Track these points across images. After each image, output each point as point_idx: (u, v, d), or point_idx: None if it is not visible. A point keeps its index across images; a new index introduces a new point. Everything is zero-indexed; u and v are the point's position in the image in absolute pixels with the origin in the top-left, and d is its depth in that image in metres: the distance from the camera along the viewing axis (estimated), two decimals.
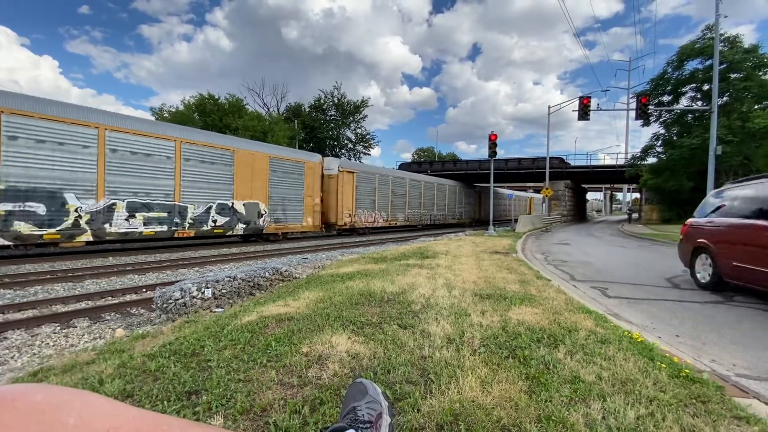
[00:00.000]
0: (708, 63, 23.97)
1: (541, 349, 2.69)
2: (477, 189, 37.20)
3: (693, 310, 4.72)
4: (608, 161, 39.57)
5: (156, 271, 8.72)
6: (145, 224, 11.34)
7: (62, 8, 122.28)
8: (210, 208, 13.13)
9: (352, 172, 20.09)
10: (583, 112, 19.63)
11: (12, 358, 3.93)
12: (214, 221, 13.22)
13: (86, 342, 4.41)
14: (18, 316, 5.27)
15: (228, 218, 13.63)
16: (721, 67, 20.83)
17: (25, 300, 5.99)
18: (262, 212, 14.91)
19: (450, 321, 3.33)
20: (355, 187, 20.18)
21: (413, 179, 26.86)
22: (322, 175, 18.64)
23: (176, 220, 12.14)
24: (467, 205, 34.85)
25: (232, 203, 13.83)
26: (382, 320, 3.36)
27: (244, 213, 14.17)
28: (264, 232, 15.08)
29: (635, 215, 43.17)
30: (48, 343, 4.36)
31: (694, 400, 2.07)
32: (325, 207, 18.72)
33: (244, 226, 14.15)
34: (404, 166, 42.11)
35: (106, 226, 10.53)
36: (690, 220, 7.06)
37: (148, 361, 2.50)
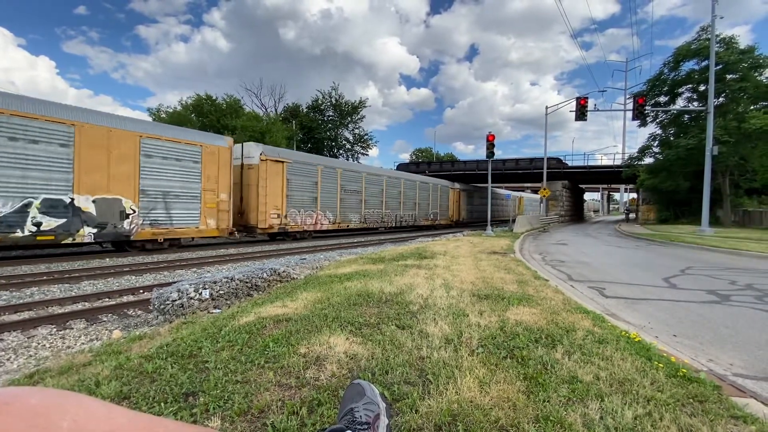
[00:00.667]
0: (704, 64, 24.14)
1: (539, 349, 2.69)
2: (457, 187, 33.00)
3: (690, 310, 4.73)
4: (605, 161, 39.70)
5: (153, 272, 8.69)
6: None
7: (59, 9, 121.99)
8: (28, 205, 9.08)
9: (282, 162, 15.94)
10: (581, 113, 19.71)
11: (8, 359, 3.91)
12: (37, 224, 9.19)
13: (83, 344, 4.39)
14: (14, 317, 5.24)
15: (64, 220, 9.64)
16: (717, 68, 20.97)
17: (21, 301, 5.96)
18: (129, 211, 10.91)
19: (448, 321, 3.33)
20: (287, 180, 16.08)
21: (371, 173, 22.47)
22: (242, 165, 15.21)
23: None
24: (444, 204, 30.98)
25: (72, 199, 9.79)
26: (380, 321, 3.36)
27: (94, 213, 10.19)
28: (133, 238, 11.13)
29: (632, 215, 43.40)
30: (44, 345, 4.34)
31: (691, 400, 2.08)
32: (244, 205, 15.26)
33: (94, 230, 10.21)
34: (402, 167, 42.16)
35: None
36: None
37: (145, 363, 2.48)
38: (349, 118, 45.54)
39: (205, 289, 5.02)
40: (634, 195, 51.99)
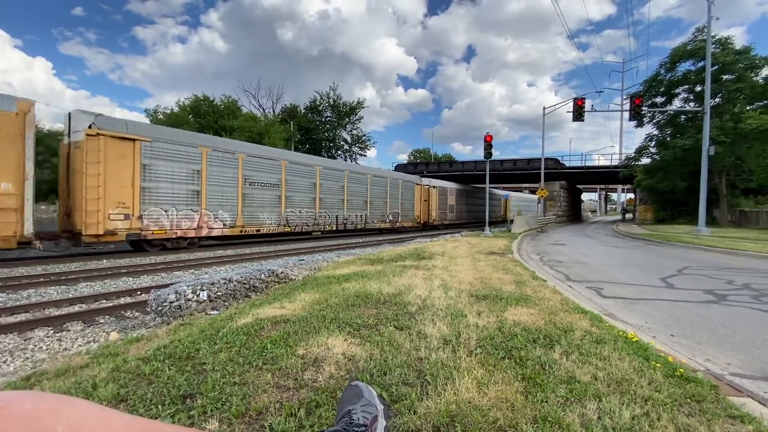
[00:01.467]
0: (700, 65, 24.25)
1: (537, 349, 2.70)
2: (426, 184, 28.11)
3: (687, 310, 4.75)
4: (603, 162, 39.86)
5: (150, 274, 8.66)
6: None
7: (56, 10, 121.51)
8: None
9: (133, 140, 11.17)
10: (578, 113, 19.78)
11: (4, 362, 3.89)
12: None
13: (80, 346, 4.37)
14: (11, 319, 5.21)
15: None
16: (714, 68, 21.05)
17: (17, 303, 5.92)
18: None
19: (446, 322, 3.33)
20: (142, 166, 11.40)
21: (296, 162, 17.05)
22: (69, 144, 10.81)
23: None
24: (408, 203, 25.77)
25: None
26: (378, 322, 3.35)
27: None
28: None
29: (629, 215, 43.58)
30: (41, 347, 4.32)
31: (688, 400, 2.08)
32: (71, 200, 10.70)
33: None
34: (400, 168, 42.19)
35: None
36: None
37: (142, 365, 2.47)
38: (347, 119, 45.59)
39: (203, 290, 5.01)
40: (631, 195, 52.21)
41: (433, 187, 28.74)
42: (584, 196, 67.81)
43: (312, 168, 17.97)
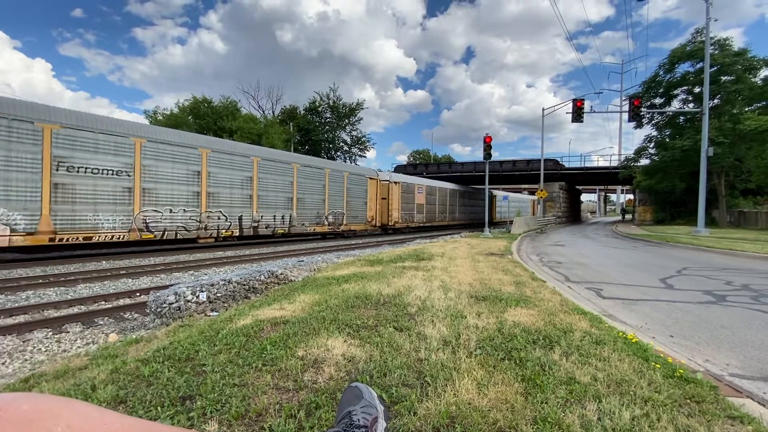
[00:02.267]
0: (699, 66, 24.28)
1: (536, 350, 2.70)
2: (386, 179, 23.03)
3: (686, 311, 4.75)
4: (602, 163, 39.99)
5: (150, 275, 8.65)
6: None
7: (55, 11, 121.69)
8: None
9: None
10: (577, 114, 19.81)
11: (3, 364, 3.88)
12: None
13: (79, 347, 4.36)
14: (9, 321, 5.20)
15: None
16: (712, 69, 21.10)
17: (16, 305, 5.91)
18: None
19: (446, 323, 3.33)
20: None
21: (164, 141, 11.96)
22: None
23: None
24: (358, 201, 20.63)
25: None
26: (378, 323, 3.35)
27: None
28: None
29: (629, 216, 43.65)
30: (40, 349, 4.31)
31: (688, 400, 2.08)
32: None
33: None
34: (400, 168, 42.19)
35: None
36: None
37: (141, 367, 2.47)
38: (346, 120, 45.60)
39: (203, 291, 5.00)
40: (630, 196, 52.32)
41: (395, 182, 23.47)
42: (583, 197, 67.95)
43: (194, 151, 12.78)
